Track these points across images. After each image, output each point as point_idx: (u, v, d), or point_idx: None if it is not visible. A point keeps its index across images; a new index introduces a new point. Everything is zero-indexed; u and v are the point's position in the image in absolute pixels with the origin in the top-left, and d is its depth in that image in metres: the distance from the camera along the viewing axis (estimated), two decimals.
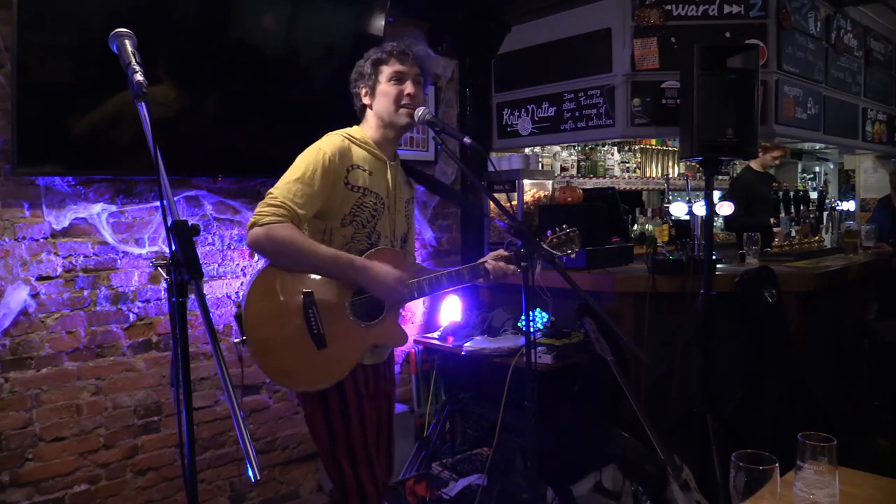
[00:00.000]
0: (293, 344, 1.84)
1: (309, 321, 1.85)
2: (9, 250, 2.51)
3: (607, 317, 2.01)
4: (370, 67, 2.03)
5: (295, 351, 1.84)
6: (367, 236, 1.98)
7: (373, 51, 2.08)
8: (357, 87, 2.08)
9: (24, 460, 2.54)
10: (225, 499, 3.10)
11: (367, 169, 1.98)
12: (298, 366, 1.86)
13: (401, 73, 2.02)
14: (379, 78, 2.03)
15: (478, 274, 2.07)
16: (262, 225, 1.79)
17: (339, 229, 1.95)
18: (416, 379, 3.78)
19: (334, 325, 1.89)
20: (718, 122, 2.86)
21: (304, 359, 1.85)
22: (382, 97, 2.02)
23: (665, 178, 4.52)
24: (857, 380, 3.81)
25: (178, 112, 2.72)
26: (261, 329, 1.81)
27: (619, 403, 2.96)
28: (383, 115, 2.03)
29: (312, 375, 1.89)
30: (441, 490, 3.20)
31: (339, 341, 1.89)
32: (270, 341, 1.82)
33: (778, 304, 3.04)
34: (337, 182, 1.91)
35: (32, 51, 2.34)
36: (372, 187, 1.98)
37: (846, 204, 5.66)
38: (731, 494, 1.09)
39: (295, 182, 1.85)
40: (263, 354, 1.81)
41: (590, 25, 3.67)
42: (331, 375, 1.90)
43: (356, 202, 1.95)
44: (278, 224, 1.79)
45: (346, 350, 1.92)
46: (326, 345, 1.86)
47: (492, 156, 4.16)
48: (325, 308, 1.88)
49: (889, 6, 4.55)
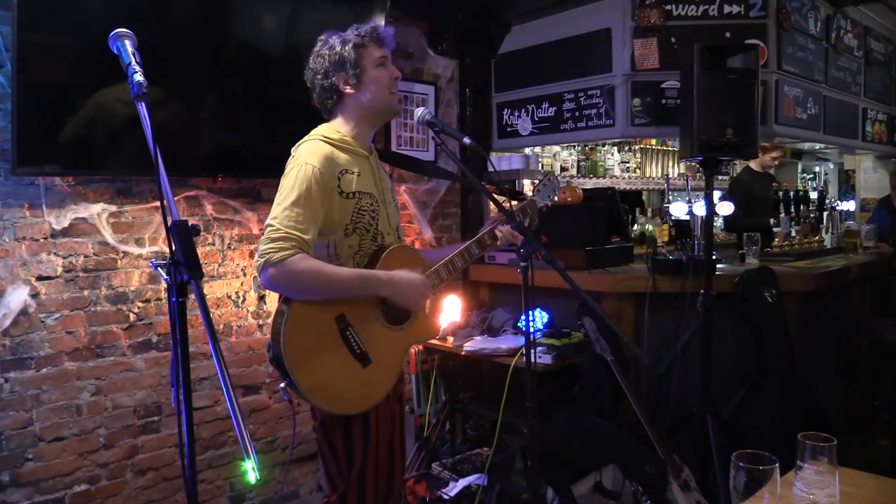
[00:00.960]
0: (340, 371, 1.78)
1: (349, 343, 1.80)
2: (9, 250, 2.51)
3: (607, 317, 2.01)
4: (352, 52, 1.87)
5: (343, 377, 1.79)
6: (373, 239, 1.90)
7: (337, 37, 1.91)
8: (333, 78, 1.89)
9: (24, 460, 2.54)
10: (225, 499, 3.10)
11: (354, 171, 1.87)
12: (350, 390, 1.81)
13: (384, 57, 1.92)
14: (364, 63, 1.88)
15: (485, 245, 2.07)
16: (274, 264, 1.68)
17: (344, 240, 1.86)
18: (416, 379, 3.78)
19: (373, 338, 1.85)
20: (718, 122, 2.86)
21: (353, 381, 1.80)
22: (373, 84, 1.89)
23: (665, 178, 4.52)
24: (857, 380, 3.81)
25: (179, 112, 2.72)
26: (306, 366, 1.73)
27: (619, 403, 2.96)
28: (376, 103, 1.91)
29: (366, 394, 1.84)
30: (441, 490, 3.20)
31: (381, 353, 1.86)
32: (318, 375, 1.75)
33: (778, 304, 3.04)
34: (332, 194, 1.80)
35: (32, 51, 2.34)
36: (364, 188, 1.89)
37: (846, 204, 5.66)
38: (731, 494, 1.09)
39: (292, 207, 1.73)
40: (315, 390, 1.74)
41: (590, 25, 3.67)
42: (382, 387, 1.87)
43: (354, 209, 1.85)
44: (291, 259, 1.69)
45: (390, 359, 1.89)
46: (371, 360, 1.82)
47: (492, 156, 4.16)
48: (359, 325, 1.82)
49: (889, 6, 4.55)
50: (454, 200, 4.10)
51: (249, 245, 3.16)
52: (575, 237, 3.36)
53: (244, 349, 3.18)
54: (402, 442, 2.06)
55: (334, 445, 1.88)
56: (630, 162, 5.47)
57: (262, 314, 3.23)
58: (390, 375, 1.89)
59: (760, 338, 3.03)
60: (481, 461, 3.33)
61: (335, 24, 2.04)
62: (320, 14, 3.11)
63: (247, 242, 3.15)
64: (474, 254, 2.06)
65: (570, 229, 3.38)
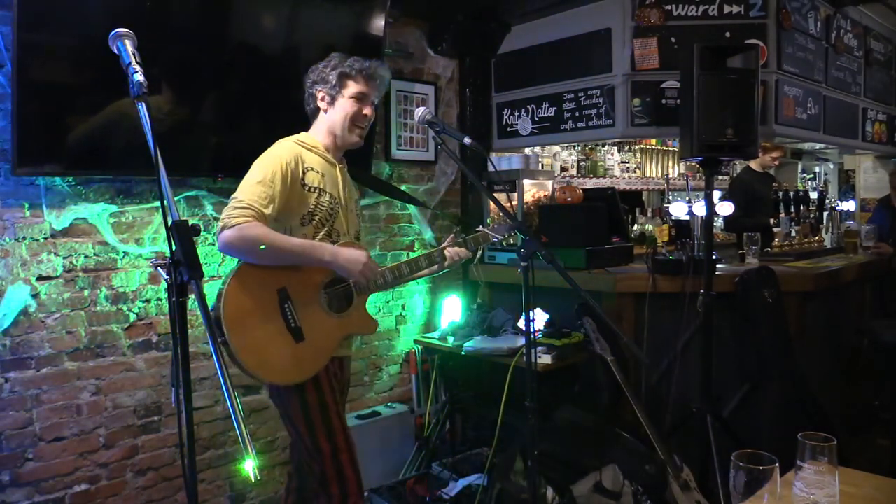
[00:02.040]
0: (272, 339, 1.89)
1: (286, 315, 1.92)
2: (9, 250, 2.51)
3: (607, 317, 2.01)
4: (335, 78, 2.09)
5: (274, 346, 1.90)
6: (328, 234, 2.05)
7: (338, 58, 2.12)
8: (315, 90, 2.13)
9: (24, 460, 2.54)
10: (225, 499, 3.10)
11: (319, 171, 2.06)
12: (279, 360, 1.91)
13: (364, 94, 2.11)
14: (342, 91, 2.10)
15: (433, 261, 2.23)
16: (231, 227, 1.85)
17: (299, 228, 2.01)
18: (416, 379, 3.78)
19: (310, 317, 1.96)
20: (718, 122, 2.86)
21: (283, 353, 1.91)
22: (340, 111, 2.10)
23: (665, 178, 4.52)
24: (857, 380, 3.81)
25: (179, 112, 2.72)
26: (240, 328, 1.85)
27: (619, 403, 2.96)
28: (335, 129, 2.12)
29: (293, 368, 1.94)
30: (441, 490, 3.20)
31: (316, 333, 1.97)
32: (250, 339, 1.86)
33: (778, 304, 3.04)
34: (294, 183, 1.98)
35: (32, 51, 2.34)
36: (325, 187, 2.06)
37: (846, 204, 5.67)
38: (731, 494, 1.09)
39: (257, 184, 1.92)
40: (244, 352, 1.85)
41: (590, 25, 3.66)
42: (311, 367, 1.97)
43: (314, 202, 2.02)
44: (247, 224, 1.85)
45: (323, 341, 2.00)
46: (304, 337, 1.94)
47: (492, 156, 4.16)
48: (299, 302, 1.95)
49: (889, 6, 4.55)
50: (454, 201, 4.10)
51: None
52: (575, 237, 3.36)
53: None
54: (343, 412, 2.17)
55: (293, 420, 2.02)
56: (630, 162, 5.47)
57: None
58: (321, 356, 2.00)
59: (760, 338, 3.03)
60: (481, 461, 3.33)
61: (335, 24, 2.08)
62: (320, 14, 3.11)
63: None
64: (422, 266, 2.23)
65: (570, 229, 3.39)
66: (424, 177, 3.93)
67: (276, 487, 3.26)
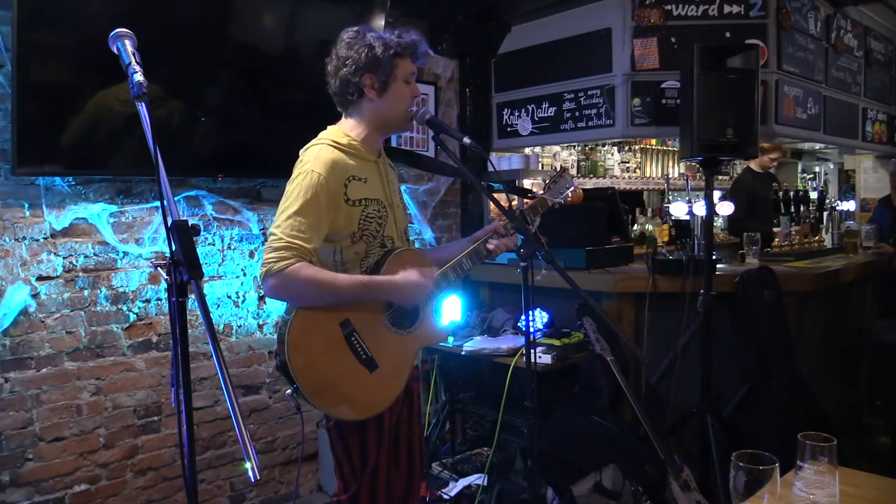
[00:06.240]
0: (346, 376, 1.76)
1: (355, 349, 1.78)
2: (9, 250, 2.51)
3: (607, 317, 2.01)
4: (388, 59, 1.79)
5: (350, 382, 1.77)
6: (381, 245, 1.87)
7: (374, 34, 1.82)
8: (360, 76, 1.80)
9: (24, 460, 2.54)
10: (225, 499, 3.10)
11: (362, 178, 1.82)
12: (358, 395, 1.79)
13: (413, 73, 1.86)
14: (395, 73, 1.82)
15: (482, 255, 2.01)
16: (274, 274, 1.66)
17: (350, 247, 1.82)
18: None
19: (379, 343, 1.82)
20: (718, 122, 2.86)
21: (360, 387, 1.78)
22: (396, 97, 1.83)
23: (665, 178, 4.52)
24: (857, 380, 3.81)
25: (178, 112, 2.72)
26: (311, 372, 1.71)
27: (619, 403, 2.96)
28: (391, 117, 1.86)
29: (373, 399, 1.82)
30: (441, 490, 3.20)
31: (389, 357, 1.83)
32: (323, 381, 1.73)
33: (778, 304, 3.04)
34: (338, 202, 1.76)
35: (32, 51, 2.34)
36: (371, 195, 1.84)
37: (846, 204, 5.65)
38: (731, 494, 1.09)
39: (295, 216, 1.69)
40: (321, 396, 1.73)
41: (590, 25, 3.67)
42: (391, 392, 1.85)
43: (361, 216, 1.81)
44: (291, 268, 1.66)
45: (397, 363, 1.87)
46: (378, 365, 1.80)
47: (492, 156, 4.16)
48: (364, 330, 1.80)
49: (889, 6, 4.55)
50: (454, 200, 4.10)
51: (249, 245, 3.16)
52: (575, 237, 3.36)
53: (244, 349, 3.18)
54: (420, 436, 2.05)
55: (349, 446, 1.86)
56: (630, 162, 5.47)
57: (262, 314, 3.23)
58: (398, 380, 1.87)
59: (760, 338, 3.03)
60: (481, 461, 3.33)
61: (335, 24, 2.04)
62: (320, 14, 3.11)
63: (247, 242, 3.15)
64: (482, 256, 2.01)
65: (570, 229, 3.39)
66: (424, 177, 3.93)
67: (277, 487, 3.26)
